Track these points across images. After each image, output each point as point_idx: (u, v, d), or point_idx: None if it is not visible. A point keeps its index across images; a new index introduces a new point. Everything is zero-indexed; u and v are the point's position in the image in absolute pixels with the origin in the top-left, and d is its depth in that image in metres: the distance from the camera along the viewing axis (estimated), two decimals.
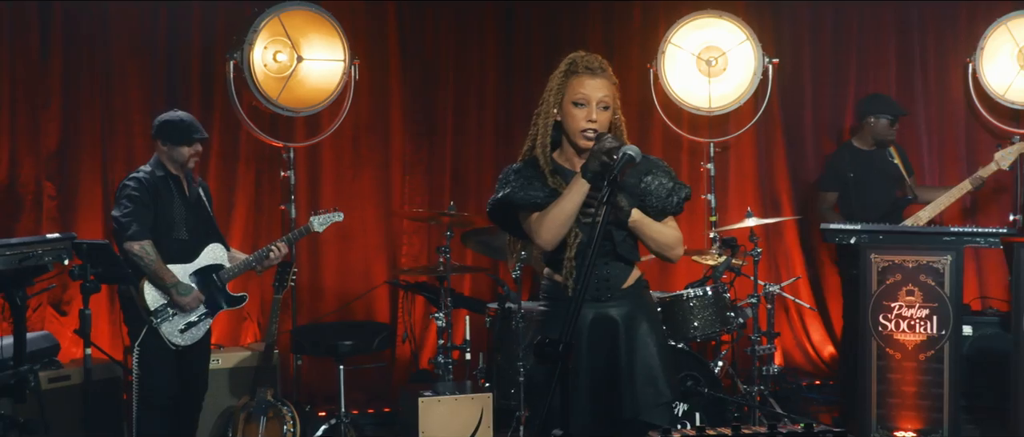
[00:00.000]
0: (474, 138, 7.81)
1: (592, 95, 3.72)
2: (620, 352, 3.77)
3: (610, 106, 3.76)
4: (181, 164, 5.59)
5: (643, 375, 3.76)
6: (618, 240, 3.78)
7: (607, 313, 3.79)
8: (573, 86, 3.74)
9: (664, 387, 3.78)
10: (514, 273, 6.20)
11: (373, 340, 6.50)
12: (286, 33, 6.94)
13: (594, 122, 3.71)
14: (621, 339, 3.77)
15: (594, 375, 3.76)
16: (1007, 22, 7.50)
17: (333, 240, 7.40)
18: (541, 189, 3.76)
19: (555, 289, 3.85)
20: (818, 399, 7.47)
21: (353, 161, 7.59)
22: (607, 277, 3.79)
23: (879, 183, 7.07)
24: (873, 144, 7.09)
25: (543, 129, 3.80)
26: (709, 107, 7.57)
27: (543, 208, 3.73)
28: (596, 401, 3.76)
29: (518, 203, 3.79)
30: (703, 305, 6.28)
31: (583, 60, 3.77)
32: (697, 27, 7.55)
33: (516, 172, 3.84)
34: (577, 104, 3.73)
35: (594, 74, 3.74)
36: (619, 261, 3.81)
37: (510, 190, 3.80)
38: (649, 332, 3.82)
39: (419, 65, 7.71)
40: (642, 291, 3.91)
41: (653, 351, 3.80)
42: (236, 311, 6.71)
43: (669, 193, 3.82)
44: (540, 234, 3.72)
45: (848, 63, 8.04)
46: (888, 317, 6.06)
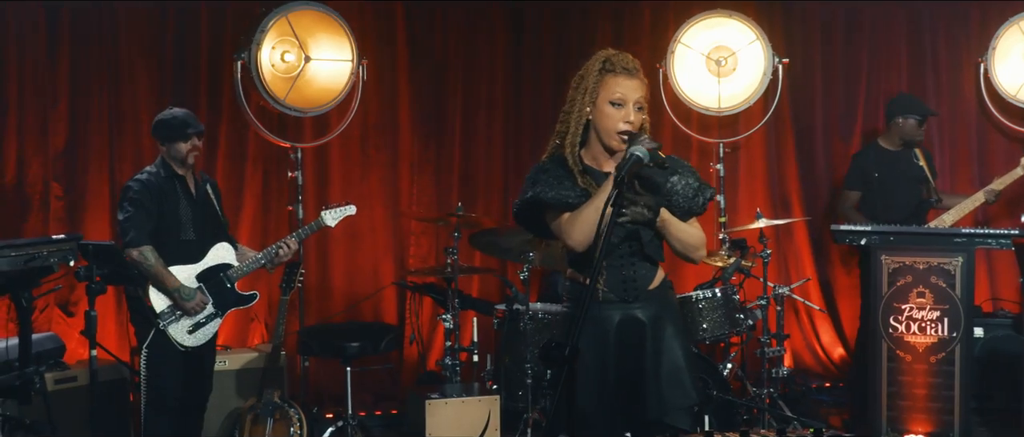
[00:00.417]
0: (483, 138, 7.78)
1: (629, 96, 3.67)
2: (647, 353, 3.73)
3: (644, 108, 3.72)
4: (181, 161, 5.54)
5: (670, 376, 3.73)
6: (645, 240, 3.74)
7: (634, 314, 3.75)
8: (609, 85, 3.68)
9: (690, 388, 3.76)
10: (522, 274, 6.17)
11: (380, 341, 6.45)
12: (294, 33, 6.92)
13: (631, 124, 3.66)
14: (648, 340, 3.74)
15: (622, 376, 3.73)
16: (1019, 22, 7.46)
17: (341, 240, 7.39)
18: (572, 189, 3.69)
19: (579, 290, 3.79)
20: (828, 401, 7.43)
21: (361, 161, 7.56)
22: (634, 278, 3.75)
23: (903, 184, 7.01)
24: (900, 144, 7.02)
25: (574, 127, 3.73)
26: (718, 107, 7.54)
27: (573, 207, 3.67)
28: (623, 402, 3.73)
29: (549, 203, 3.71)
30: (712, 307, 6.24)
31: (619, 60, 3.70)
32: (707, 27, 7.52)
33: (545, 171, 3.76)
34: (614, 104, 3.67)
35: (631, 75, 3.69)
36: (646, 262, 3.77)
37: (540, 189, 3.73)
38: (675, 334, 3.79)
39: (428, 65, 7.68)
40: (667, 292, 3.88)
41: (679, 353, 3.77)
42: (243, 312, 6.74)
43: (695, 193, 3.78)
44: (572, 235, 3.66)
45: (859, 63, 8.00)
46: (899, 319, 6.02)
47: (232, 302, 5.74)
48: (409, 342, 7.35)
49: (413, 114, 7.67)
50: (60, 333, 6.44)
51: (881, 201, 6.98)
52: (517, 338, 6.26)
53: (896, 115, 6.99)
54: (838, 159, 7.96)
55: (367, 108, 7.41)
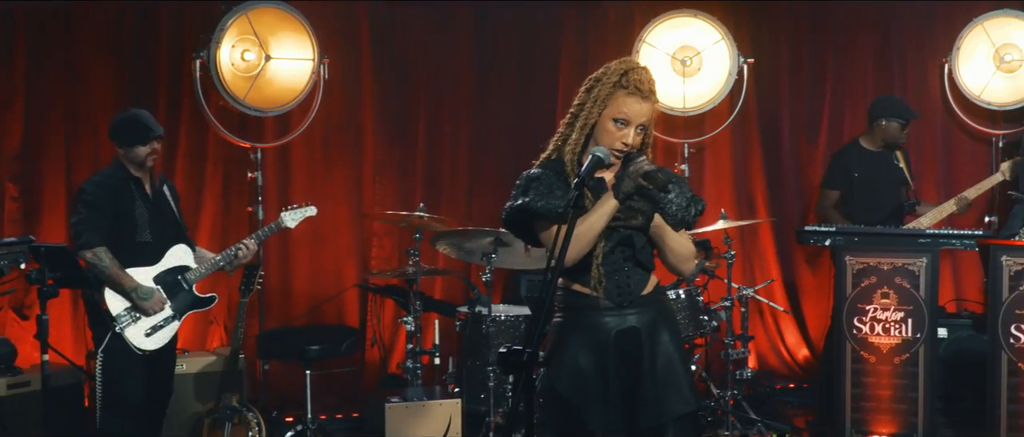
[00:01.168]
0: (447, 138, 7.71)
1: (635, 118, 3.58)
2: (644, 360, 3.67)
3: (646, 129, 3.65)
4: (140, 164, 5.44)
5: (668, 385, 3.67)
6: (638, 246, 3.68)
7: (629, 321, 3.69)
8: (619, 102, 3.57)
9: (689, 394, 3.70)
10: (485, 276, 6.11)
11: (341, 344, 6.40)
12: (254, 31, 6.86)
13: (628, 146, 3.59)
14: (645, 347, 3.68)
15: (623, 384, 3.67)
16: (983, 22, 7.47)
17: (303, 242, 7.32)
18: (563, 198, 3.58)
19: (572, 298, 3.72)
20: (793, 402, 7.40)
21: (323, 162, 7.49)
22: (628, 284, 3.70)
23: (883, 186, 6.97)
24: (882, 146, 6.98)
25: (578, 134, 3.65)
26: (684, 107, 7.52)
27: (564, 218, 3.52)
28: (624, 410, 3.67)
29: (538, 212, 3.62)
30: (677, 308, 6.20)
31: (636, 79, 3.59)
32: (672, 26, 7.50)
33: (536, 178, 3.67)
34: (617, 122, 3.59)
35: (644, 98, 3.59)
36: (639, 268, 3.71)
37: (529, 199, 3.63)
38: (671, 339, 3.73)
39: (391, 64, 7.61)
40: (661, 297, 3.82)
41: (676, 358, 3.71)
42: (202, 314, 6.65)
43: (688, 204, 3.72)
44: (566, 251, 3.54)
45: (825, 63, 7.99)
46: (863, 320, 6.01)
47: (190, 305, 5.64)
48: (371, 344, 7.28)
49: (376, 114, 7.59)
50: (14, 337, 6.35)
51: (861, 201, 6.95)
52: (480, 341, 6.21)
53: (879, 117, 6.93)
54: (804, 159, 7.96)
55: (329, 108, 7.33)
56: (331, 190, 7.46)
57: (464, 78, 7.74)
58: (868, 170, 6.95)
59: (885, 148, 6.97)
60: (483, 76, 7.74)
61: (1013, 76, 7.47)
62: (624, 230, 3.64)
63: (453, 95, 7.73)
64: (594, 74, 3.67)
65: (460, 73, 7.73)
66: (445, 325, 6.77)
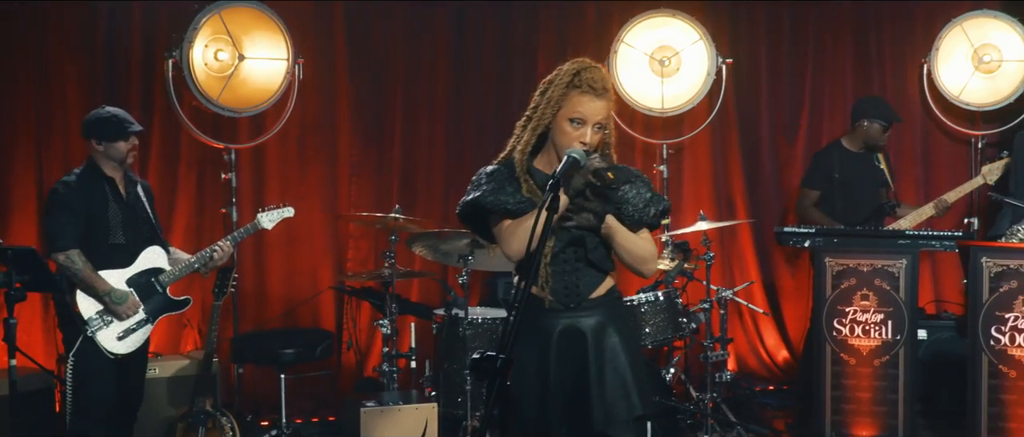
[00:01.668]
0: (424, 139, 7.64)
1: (591, 117, 3.58)
2: (590, 364, 3.65)
3: (603, 127, 3.63)
4: (120, 160, 5.35)
5: (614, 388, 3.64)
6: (590, 247, 3.67)
7: (576, 323, 3.68)
8: (573, 102, 3.57)
9: (636, 401, 3.66)
10: (461, 278, 6.06)
11: (316, 348, 6.33)
12: (227, 31, 6.79)
13: (585, 145, 3.58)
14: (590, 351, 3.66)
15: (564, 388, 3.65)
16: (962, 23, 7.46)
17: (278, 243, 7.24)
18: (513, 194, 3.63)
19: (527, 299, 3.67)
20: (772, 404, 7.37)
21: (298, 162, 7.42)
22: (577, 285, 3.68)
23: (864, 186, 6.93)
24: (862, 147, 6.95)
25: (529, 135, 3.67)
26: (662, 108, 7.49)
27: (513, 214, 3.62)
28: (568, 414, 3.65)
29: (488, 207, 3.66)
30: (655, 311, 6.15)
31: (589, 77, 3.59)
32: (650, 26, 7.47)
33: (489, 175, 3.70)
34: (573, 122, 3.58)
35: (598, 95, 3.58)
36: (591, 269, 3.69)
37: (480, 193, 3.66)
38: (621, 344, 3.69)
39: (367, 64, 7.54)
40: (615, 301, 3.79)
41: (624, 362, 3.67)
42: (176, 318, 6.59)
43: (646, 204, 3.70)
44: (510, 245, 3.63)
45: (804, 63, 7.98)
46: (843, 322, 5.98)
47: (164, 308, 5.54)
48: (347, 348, 7.21)
49: (352, 114, 7.52)
50: None
51: (841, 202, 6.92)
52: (456, 344, 6.15)
53: (862, 118, 6.89)
54: (783, 160, 7.93)
55: (304, 108, 7.27)
56: (306, 191, 7.38)
57: (441, 79, 7.66)
58: (849, 171, 6.91)
59: (866, 150, 6.93)
60: (460, 77, 7.67)
61: (992, 77, 7.46)
62: (576, 230, 3.62)
63: (430, 96, 7.66)
64: (548, 76, 3.66)
65: (437, 74, 7.66)
66: (421, 328, 6.71)
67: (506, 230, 3.64)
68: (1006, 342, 5.56)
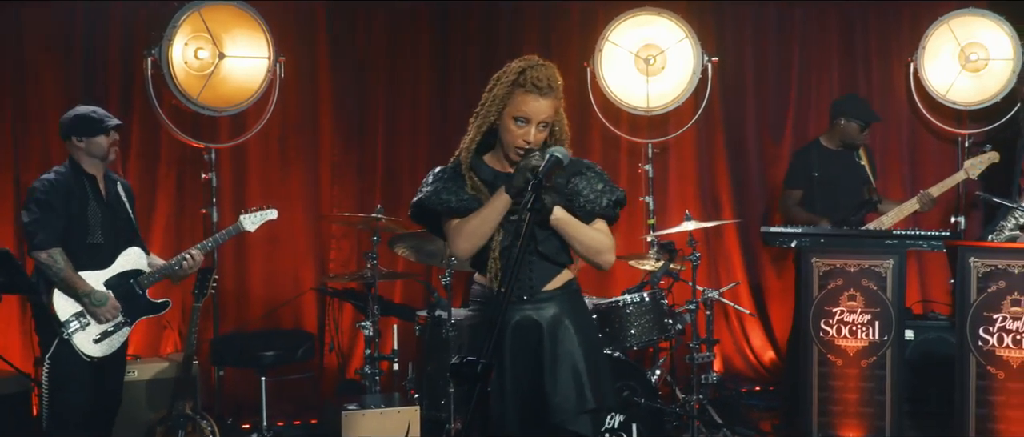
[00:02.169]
0: (407, 139, 7.60)
1: (534, 116, 3.59)
2: (544, 357, 3.66)
3: (549, 125, 3.64)
4: (102, 157, 5.27)
5: (568, 382, 3.64)
6: (540, 239, 3.67)
7: (529, 316, 3.69)
8: (517, 101, 3.59)
9: (590, 394, 3.66)
10: (445, 279, 5.99)
11: (297, 350, 6.28)
12: (207, 29, 6.73)
13: (530, 144, 3.59)
14: (545, 343, 3.67)
15: (518, 381, 3.65)
16: (949, 21, 7.41)
17: (260, 244, 7.19)
18: (456, 193, 3.67)
19: (482, 292, 3.76)
20: (759, 405, 7.31)
21: (280, 162, 7.38)
22: (529, 278, 3.69)
23: (844, 184, 6.87)
24: (841, 145, 6.90)
25: (474, 133, 3.69)
26: (647, 106, 7.43)
27: (457, 212, 3.64)
28: (522, 407, 3.65)
29: (431, 207, 3.69)
30: (640, 312, 6.09)
31: (533, 76, 3.58)
32: (635, 25, 7.41)
33: (436, 174, 3.76)
34: (517, 120, 3.60)
35: (541, 93, 3.58)
36: (543, 261, 3.70)
37: (425, 194, 3.71)
38: (575, 337, 3.70)
39: (350, 64, 7.49)
40: (571, 294, 3.78)
41: (579, 355, 3.67)
42: (155, 319, 6.51)
43: (599, 195, 3.70)
44: (457, 244, 3.65)
45: (790, 62, 7.93)
46: (830, 322, 5.92)
47: (143, 310, 5.46)
48: (329, 350, 7.14)
49: (334, 113, 7.48)
50: None
51: (821, 201, 6.87)
52: (440, 345, 6.08)
53: (839, 116, 6.83)
54: (769, 160, 7.89)
55: (286, 107, 7.22)
56: (287, 191, 7.34)
57: (424, 78, 7.62)
58: (829, 169, 6.87)
59: (844, 148, 6.88)
60: (443, 76, 7.61)
61: (979, 75, 7.42)
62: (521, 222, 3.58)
63: (412, 95, 7.61)
64: (497, 73, 3.67)
65: (420, 73, 7.61)
66: (404, 329, 6.66)
67: (452, 229, 3.66)
68: (994, 343, 5.50)
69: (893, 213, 6.68)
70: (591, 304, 6.12)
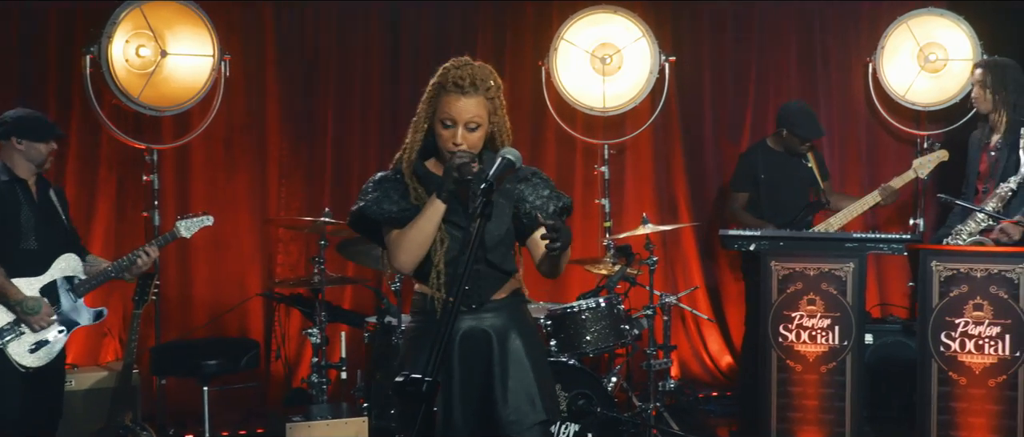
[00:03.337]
0: (357, 141, 7.46)
1: (459, 117, 3.48)
2: (494, 367, 3.57)
3: (480, 125, 3.52)
4: (39, 163, 5.13)
5: (518, 393, 3.56)
6: (489, 247, 3.55)
7: (478, 325, 3.58)
8: (443, 103, 3.49)
9: (540, 405, 3.57)
10: (394, 285, 5.85)
11: (241, 358, 6.18)
12: (149, 26, 6.61)
13: (459, 146, 3.48)
14: (495, 354, 3.57)
15: (467, 393, 3.55)
16: (908, 21, 7.34)
17: (204, 248, 7.05)
18: (397, 202, 3.56)
19: (424, 302, 3.63)
20: (716, 411, 7.22)
21: (226, 164, 7.23)
22: (477, 286, 3.58)
23: (791, 186, 6.78)
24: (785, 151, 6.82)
25: (411, 141, 3.59)
26: (603, 107, 7.33)
27: (399, 222, 3.53)
28: (472, 419, 3.56)
29: (372, 217, 3.58)
30: (597, 317, 5.96)
31: (455, 76, 3.48)
32: (591, 23, 7.32)
33: (376, 182, 3.64)
34: (444, 123, 3.50)
35: (464, 93, 3.47)
36: (491, 269, 3.59)
37: (365, 203, 3.59)
38: (524, 347, 3.61)
39: (298, 63, 7.36)
40: (519, 304, 3.70)
41: (528, 366, 3.59)
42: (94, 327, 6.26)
43: (545, 201, 3.62)
44: (396, 256, 3.54)
45: (748, 62, 7.85)
46: (789, 327, 5.82)
47: (80, 319, 5.29)
48: (275, 357, 6.99)
49: (282, 114, 7.33)
50: None
51: (768, 203, 6.78)
52: (389, 353, 5.93)
53: (783, 127, 6.74)
54: (727, 161, 7.79)
55: (231, 107, 7.09)
56: (233, 194, 7.20)
57: (375, 79, 7.48)
58: (775, 171, 6.79)
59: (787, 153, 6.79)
60: (395, 77, 7.47)
61: (938, 76, 7.36)
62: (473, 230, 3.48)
63: (363, 96, 7.46)
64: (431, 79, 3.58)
65: (371, 73, 7.47)
66: (353, 337, 6.56)
67: (393, 240, 3.55)
68: (956, 348, 5.42)
69: (853, 207, 6.59)
70: (546, 310, 6.03)
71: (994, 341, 5.36)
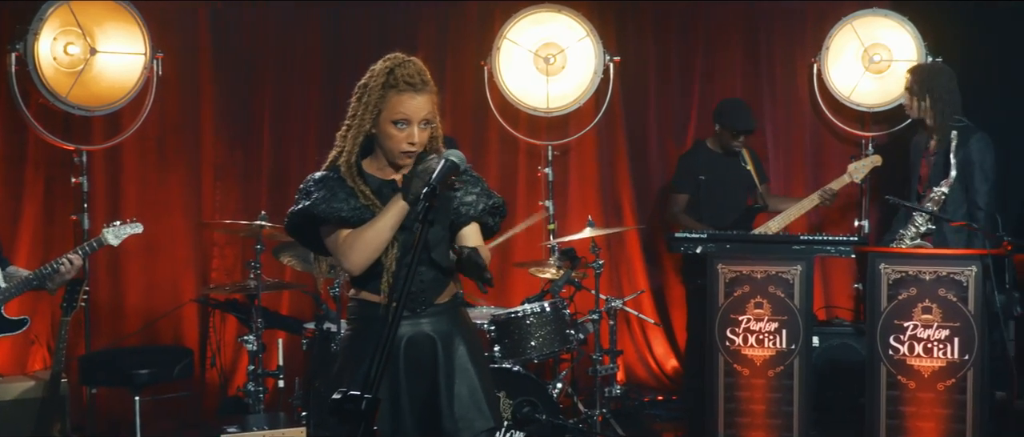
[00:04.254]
0: (295, 142, 7.31)
1: (414, 116, 3.40)
2: (439, 374, 3.48)
3: (432, 122, 3.45)
4: None
5: (464, 399, 3.48)
6: (431, 248, 3.47)
7: (422, 330, 3.49)
8: (392, 103, 3.39)
9: (488, 412, 3.51)
10: (333, 290, 5.69)
11: (174, 367, 6.02)
12: (78, 22, 6.43)
13: (415, 145, 3.40)
14: (440, 359, 3.49)
15: (415, 399, 3.46)
16: (852, 21, 7.29)
17: (136, 253, 6.85)
18: (347, 201, 3.43)
19: (364, 308, 3.51)
20: (662, 416, 7.12)
21: (159, 165, 7.06)
22: (422, 290, 3.48)
23: (730, 188, 6.73)
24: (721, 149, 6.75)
25: (352, 143, 3.47)
26: (547, 107, 7.23)
27: (349, 222, 3.40)
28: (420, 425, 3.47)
29: (321, 217, 3.43)
30: (541, 322, 5.83)
31: (404, 74, 3.39)
32: (534, 22, 7.22)
33: (318, 182, 3.49)
34: (397, 123, 3.39)
35: (416, 90, 3.39)
36: (434, 271, 3.50)
37: (311, 202, 3.44)
38: (469, 353, 3.55)
39: (234, 62, 7.21)
40: (459, 308, 3.63)
41: (473, 372, 3.52)
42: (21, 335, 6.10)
43: (476, 198, 3.55)
44: (349, 257, 3.41)
45: (693, 63, 7.77)
46: (736, 331, 5.75)
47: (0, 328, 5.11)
48: (210, 365, 6.81)
49: (217, 114, 7.18)
50: None
51: (707, 205, 6.72)
52: (328, 360, 5.76)
53: (716, 121, 6.72)
54: (671, 162, 7.71)
55: (164, 107, 6.92)
56: (166, 196, 7.04)
57: (314, 79, 7.33)
58: (714, 172, 6.74)
59: (724, 152, 6.73)
60: (335, 77, 7.30)
61: (882, 77, 7.32)
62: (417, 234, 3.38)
63: (302, 97, 7.33)
64: (362, 80, 3.48)
65: (309, 74, 7.33)
66: (291, 343, 6.42)
67: (344, 241, 3.42)
68: (905, 351, 5.38)
69: (792, 210, 6.54)
70: (489, 315, 5.90)
71: (943, 344, 5.33)
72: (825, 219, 7.57)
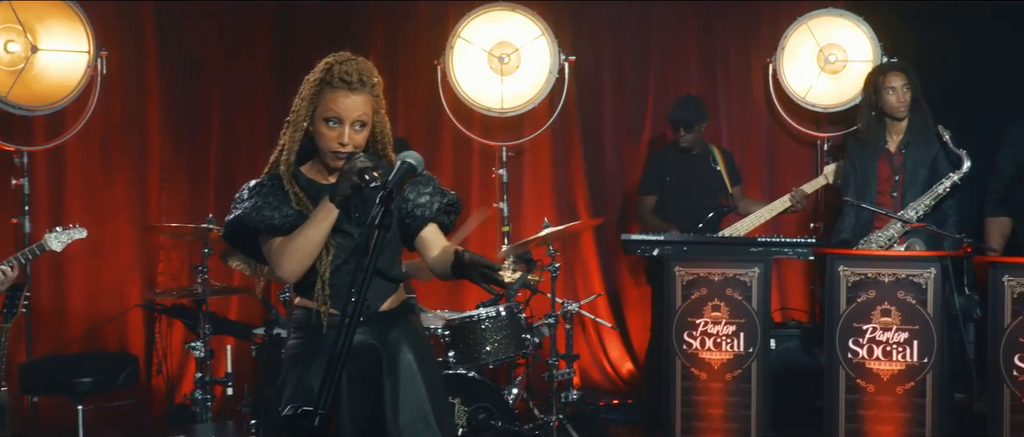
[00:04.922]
0: (243, 143, 7.23)
1: (346, 115, 3.29)
2: (383, 384, 3.36)
3: (367, 124, 3.33)
4: None
5: (410, 411, 3.37)
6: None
7: (366, 340, 3.36)
8: (326, 100, 3.29)
9: (433, 422, 3.40)
10: (283, 295, 5.57)
11: (118, 374, 5.91)
12: (18, 19, 6.31)
13: (346, 146, 3.28)
14: (384, 369, 3.37)
15: (358, 410, 3.34)
16: (808, 21, 7.25)
17: (80, 257, 6.72)
18: (279, 209, 3.32)
19: (307, 317, 3.40)
20: (618, 419, 7.06)
21: (103, 167, 6.97)
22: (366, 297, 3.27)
23: (698, 189, 6.67)
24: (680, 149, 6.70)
25: (289, 142, 3.35)
26: (501, 107, 7.14)
27: (281, 230, 3.29)
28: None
29: (252, 225, 3.34)
30: (496, 327, 5.75)
31: (340, 71, 3.28)
32: (488, 21, 7.12)
33: (252, 189, 3.40)
34: (329, 121, 3.28)
35: (351, 89, 3.28)
36: (379, 278, 3.39)
37: (243, 210, 3.35)
38: (416, 362, 3.43)
39: (180, 61, 7.13)
40: (407, 314, 3.51)
41: (421, 382, 3.40)
42: None
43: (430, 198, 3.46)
44: (282, 265, 3.29)
45: (648, 63, 7.71)
46: (693, 335, 5.69)
47: None
48: (156, 373, 6.67)
49: (164, 114, 7.10)
50: None
51: (674, 207, 6.65)
52: (278, 367, 5.59)
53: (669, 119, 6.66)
54: (627, 163, 7.67)
55: (109, 107, 6.83)
56: (111, 199, 6.94)
57: (262, 79, 7.26)
58: (681, 173, 6.68)
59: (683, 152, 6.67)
60: (283, 77, 7.21)
61: (837, 77, 7.28)
62: (359, 237, 3.34)
63: (249, 97, 7.25)
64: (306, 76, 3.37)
65: (257, 74, 7.26)
66: (240, 349, 6.33)
67: (276, 249, 3.31)
68: (864, 355, 5.34)
69: (763, 211, 6.49)
70: (443, 319, 5.80)
71: (902, 347, 5.30)
72: (780, 221, 7.53)
